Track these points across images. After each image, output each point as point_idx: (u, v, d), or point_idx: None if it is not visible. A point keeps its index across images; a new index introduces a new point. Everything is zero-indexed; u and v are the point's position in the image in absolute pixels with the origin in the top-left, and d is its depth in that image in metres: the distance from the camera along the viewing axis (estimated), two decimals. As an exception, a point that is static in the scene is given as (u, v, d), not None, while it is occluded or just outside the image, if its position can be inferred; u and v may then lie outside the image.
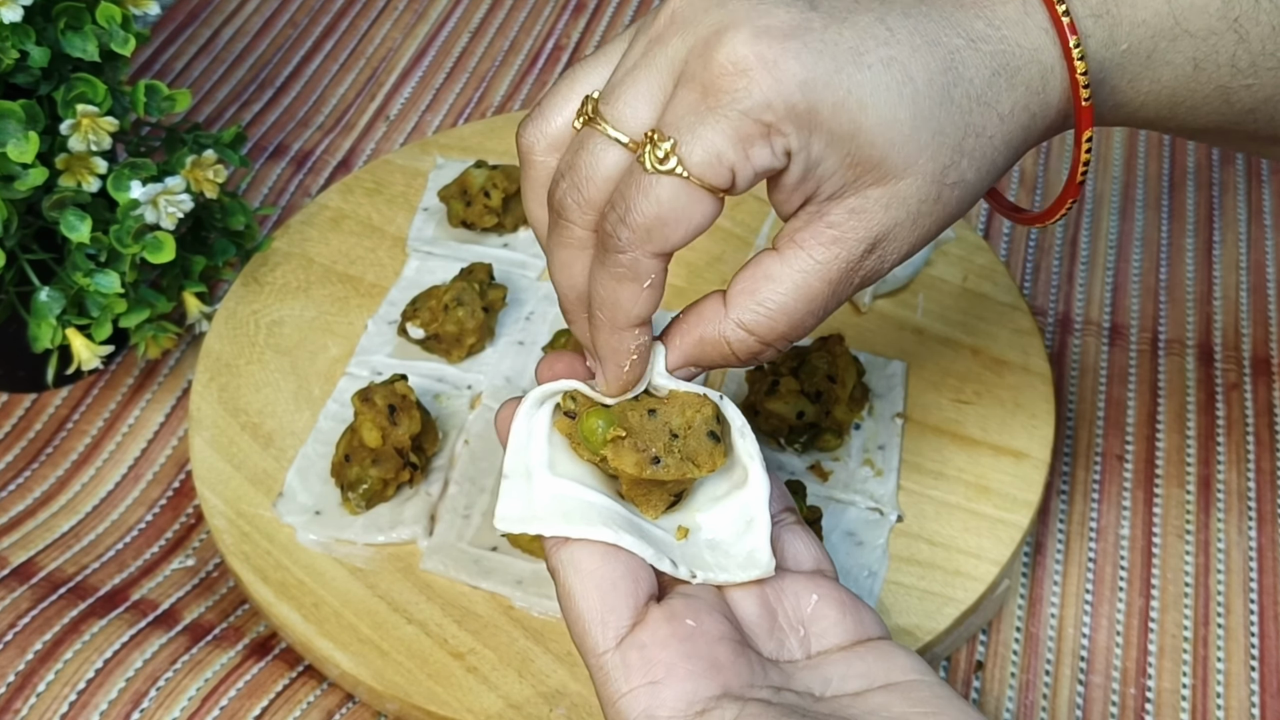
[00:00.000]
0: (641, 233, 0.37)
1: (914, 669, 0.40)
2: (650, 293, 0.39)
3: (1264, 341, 0.67)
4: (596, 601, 0.39)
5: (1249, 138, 0.44)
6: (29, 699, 0.54)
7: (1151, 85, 0.41)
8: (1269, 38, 0.40)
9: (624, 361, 0.40)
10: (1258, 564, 0.59)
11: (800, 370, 0.57)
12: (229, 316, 0.64)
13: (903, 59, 0.37)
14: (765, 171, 0.37)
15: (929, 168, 0.37)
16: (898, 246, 0.39)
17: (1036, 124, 0.40)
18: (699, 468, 0.41)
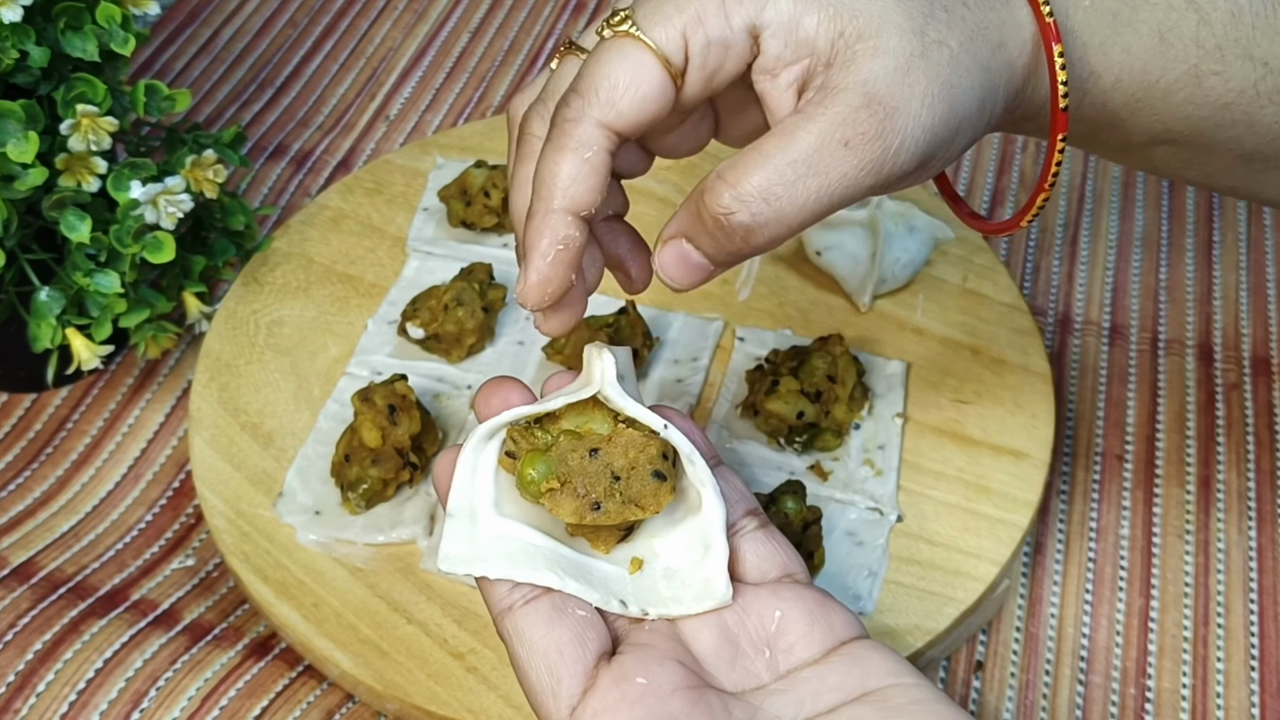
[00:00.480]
0: (589, 94, 0.37)
1: (890, 671, 0.39)
2: (590, 170, 0.37)
3: (1264, 341, 0.67)
4: (545, 672, 0.38)
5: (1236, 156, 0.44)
6: (29, 699, 0.54)
7: (1122, 54, 0.41)
8: (1229, 23, 0.41)
9: (548, 251, 0.38)
10: (1258, 564, 0.59)
11: (800, 370, 0.57)
12: (229, 316, 0.64)
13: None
14: (718, 44, 0.37)
15: (905, 22, 0.37)
16: (896, 105, 0.37)
17: (1010, 32, 0.39)
18: (643, 510, 0.40)
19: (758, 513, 0.43)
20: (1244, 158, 0.44)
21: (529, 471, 0.39)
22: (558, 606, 0.39)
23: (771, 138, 0.37)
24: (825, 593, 0.41)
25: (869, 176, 0.37)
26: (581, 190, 0.38)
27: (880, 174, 0.37)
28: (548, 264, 0.38)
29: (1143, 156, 0.45)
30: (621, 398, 0.40)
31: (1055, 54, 0.39)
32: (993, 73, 0.39)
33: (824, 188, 0.37)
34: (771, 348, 0.61)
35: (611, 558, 0.41)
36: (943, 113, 0.38)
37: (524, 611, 0.39)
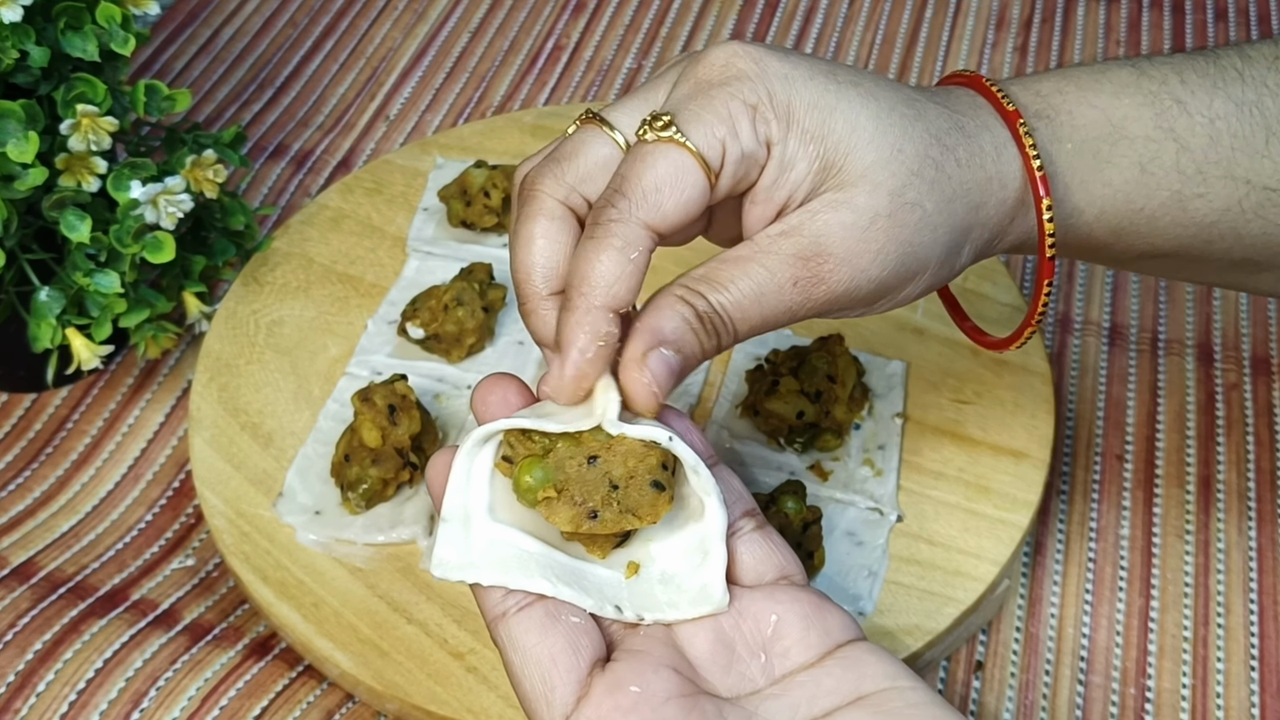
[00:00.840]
0: (638, 196, 0.38)
1: (885, 675, 0.39)
2: (634, 270, 0.39)
3: (1264, 341, 0.67)
4: (538, 680, 0.38)
5: (1225, 263, 0.45)
6: (29, 699, 0.54)
7: (1104, 189, 0.43)
8: (1208, 148, 0.42)
9: (589, 347, 0.39)
10: (1257, 564, 0.59)
11: (800, 370, 0.57)
12: (229, 316, 0.64)
13: (869, 86, 0.41)
14: (749, 156, 0.39)
15: (886, 180, 0.39)
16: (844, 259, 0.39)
17: (993, 191, 0.42)
18: (640, 519, 0.39)
19: (755, 514, 0.43)
20: (1234, 264, 0.45)
21: (526, 478, 0.39)
22: (551, 613, 0.39)
23: (731, 263, 0.40)
24: (822, 595, 0.41)
25: (812, 310, 0.40)
26: (624, 289, 0.39)
27: (824, 310, 0.41)
28: (587, 360, 0.39)
29: (1135, 267, 0.47)
30: (620, 429, 0.39)
31: (1044, 208, 0.42)
32: (965, 231, 0.42)
33: (769, 314, 0.40)
34: (771, 348, 0.61)
35: (608, 562, 0.41)
36: (894, 267, 0.40)
37: (517, 619, 0.39)
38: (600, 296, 0.38)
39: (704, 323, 0.39)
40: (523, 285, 0.41)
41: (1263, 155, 0.43)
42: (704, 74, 0.40)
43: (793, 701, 0.38)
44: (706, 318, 0.39)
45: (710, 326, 0.40)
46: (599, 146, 0.41)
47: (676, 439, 0.40)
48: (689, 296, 0.39)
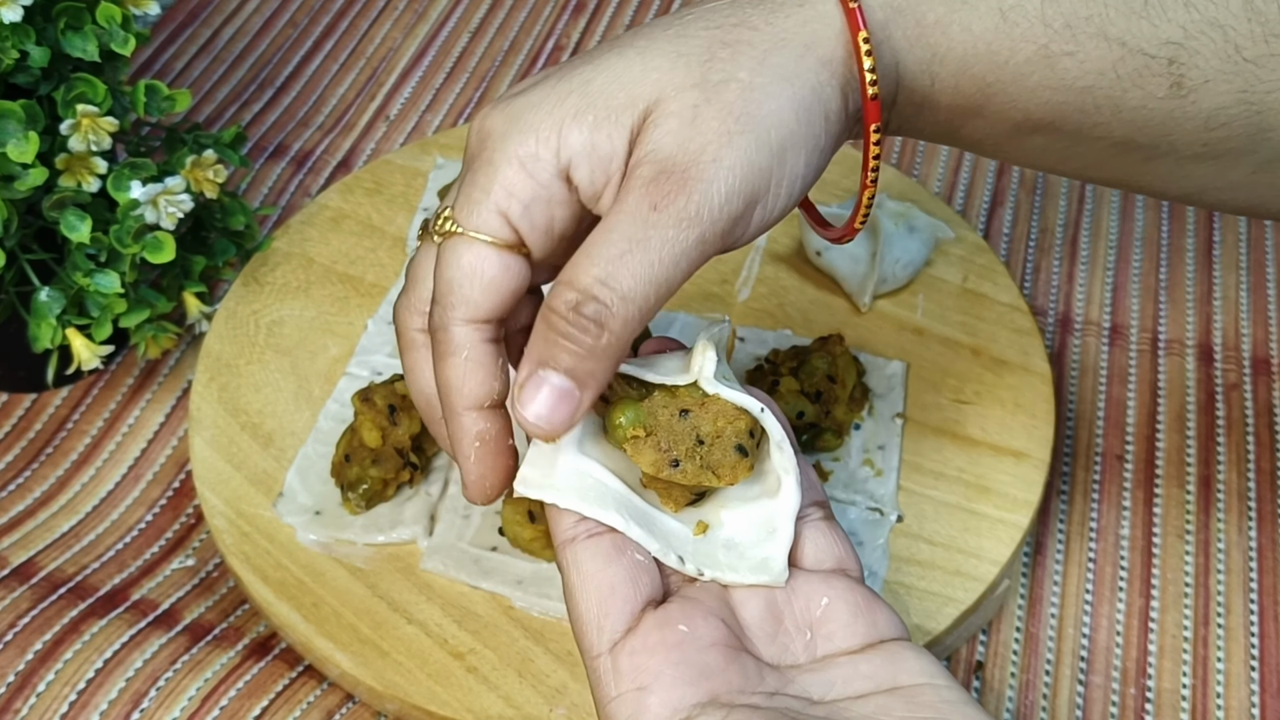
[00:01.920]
0: (444, 300, 0.39)
1: (924, 672, 0.39)
2: (474, 367, 0.39)
3: (1264, 341, 0.67)
4: (594, 604, 0.39)
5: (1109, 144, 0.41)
6: (29, 699, 0.54)
7: (963, 33, 0.39)
8: (1079, 2, 0.38)
9: (469, 451, 0.40)
10: (1258, 564, 0.59)
11: (800, 370, 0.57)
12: (229, 316, 0.64)
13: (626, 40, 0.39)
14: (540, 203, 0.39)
15: (680, 79, 0.38)
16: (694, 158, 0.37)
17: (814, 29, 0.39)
18: (719, 479, 0.40)
19: (825, 505, 0.44)
20: (1119, 146, 0.41)
21: (619, 417, 0.40)
22: (618, 546, 0.40)
23: (591, 235, 0.38)
24: (875, 593, 0.42)
25: (690, 230, 0.37)
26: (473, 386, 0.40)
27: (703, 222, 0.37)
28: (474, 464, 0.41)
29: (1016, 148, 0.42)
30: (715, 388, 0.41)
31: (860, 40, 0.38)
32: (804, 79, 0.38)
33: (652, 258, 0.37)
34: (772, 348, 0.61)
35: (679, 517, 0.42)
36: (749, 143, 0.37)
37: (585, 544, 0.40)
38: (455, 403, 0.40)
39: (567, 319, 0.37)
40: (424, 410, 0.43)
41: (1140, 16, 0.38)
42: (468, 149, 0.40)
43: (829, 679, 0.39)
44: (569, 310, 0.37)
45: (578, 318, 0.37)
46: (427, 260, 0.42)
47: (768, 411, 0.41)
48: (551, 298, 0.38)
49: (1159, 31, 0.38)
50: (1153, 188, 0.43)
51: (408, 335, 0.43)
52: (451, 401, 0.40)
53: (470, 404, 0.40)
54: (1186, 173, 0.42)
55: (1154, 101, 0.39)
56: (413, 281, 0.42)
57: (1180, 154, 0.41)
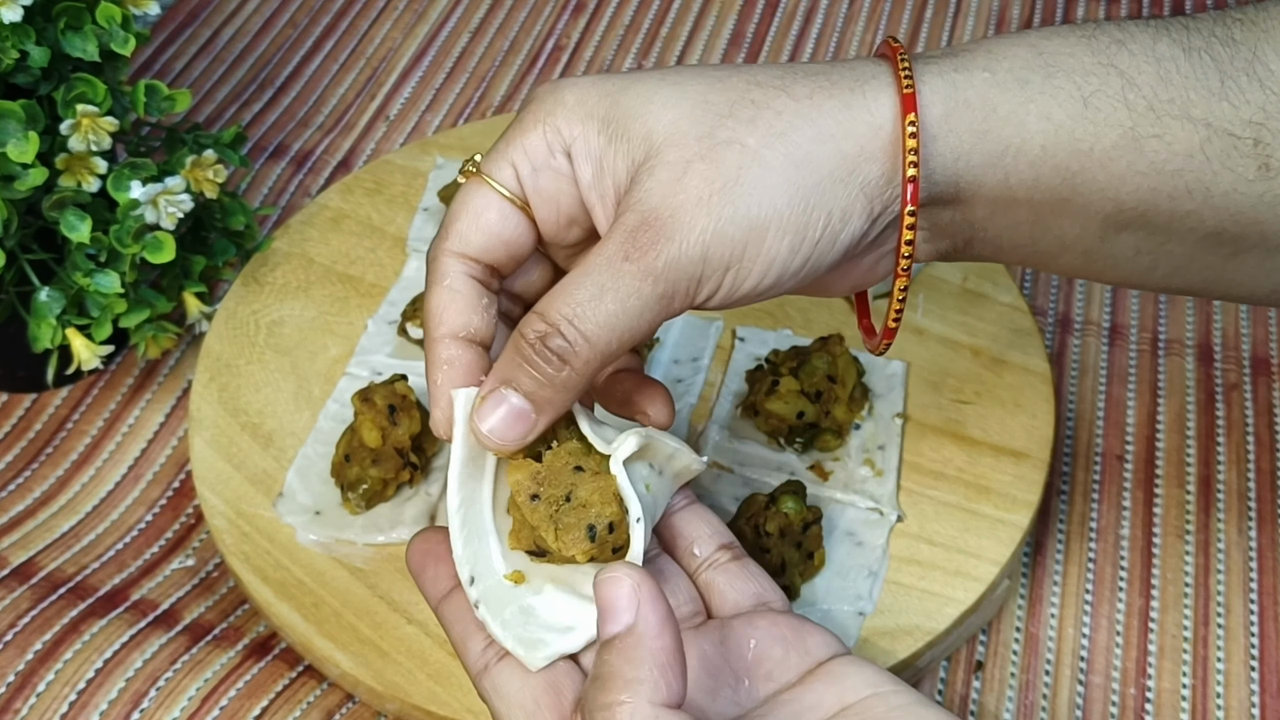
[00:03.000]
0: (443, 230, 0.41)
1: (868, 683, 0.39)
2: (455, 297, 0.41)
3: (1264, 341, 0.67)
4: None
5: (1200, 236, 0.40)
6: (29, 699, 0.54)
7: (1042, 122, 0.38)
8: (1157, 85, 0.38)
9: (436, 375, 0.41)
10: (1258, 564, 0.59)
11: (800, 370, 0.57)
12: (229, 316, 0.64)
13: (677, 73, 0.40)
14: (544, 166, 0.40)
15: (689, 129, 0.38)
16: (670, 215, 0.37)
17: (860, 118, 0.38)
18: (556, 540, 0.41)
19: (732, 546, 0.44)
20: (1209, 239, 0.40)
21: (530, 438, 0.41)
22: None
23: (574, 270, 0.39)
24: (800, 617, 0.42)
25: (655, 285, 0.37)
26: (451, 314, 0.41)
27: (667, 280, 0.37)
28: (439, 388, 0.41)
29: (1108, 252, 0.41)
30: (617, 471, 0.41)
31: (906, 122, 0.37)
32: (814, 166, 0.37)
33: (619, 307, 0.37)
34: (771, 348, 0.61)
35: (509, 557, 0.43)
36: (725, 213, 0.37)
37: (499, 668, 0.41)
38: (432, 328, 0.41)
39: (533, 347, 0.39)
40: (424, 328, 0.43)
41: (1219, 97, 0.37)
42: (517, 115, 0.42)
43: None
44: (536, 339, 0.38)
45: (543, 349, 0.38)
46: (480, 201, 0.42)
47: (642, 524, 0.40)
48: (523, 324, 0.39)
49: (1239, 112, 0.38)
50: (1238, 284, 0.42)
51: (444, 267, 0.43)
52: (429, 327, 0.41)
53: (446, 331, 0.41)
54: (1275, 265, 0.41)
55: (1244, 185, 0.38)
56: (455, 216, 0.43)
57: (1269, 244, 0.40)
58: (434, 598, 0.43)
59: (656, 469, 0.43)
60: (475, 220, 0.41)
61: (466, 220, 0.41)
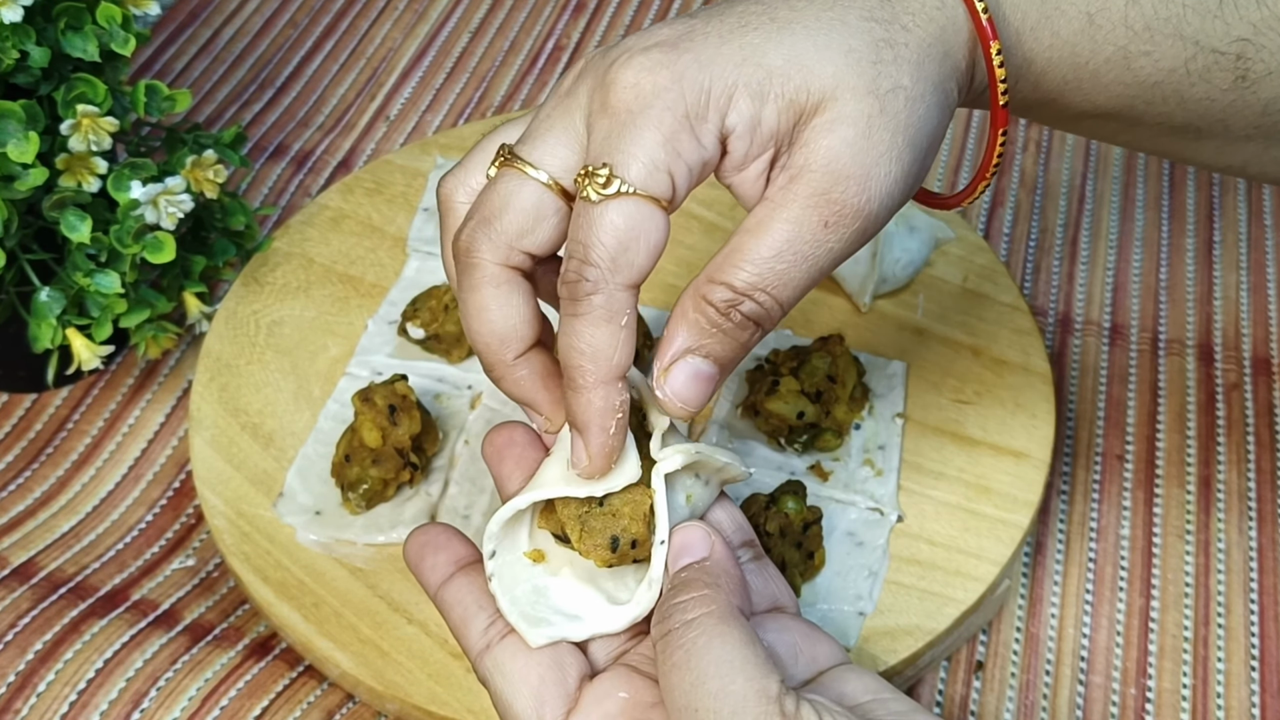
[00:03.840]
0: (608, 264, 0.37)
1: (868, 690, 0.39)
2: (628, 334, 0.38)
3: (1264, 341, 0.67)
4: (529, 698, 0.39)
5: (1166, 129, 0.43)
6: (29, 699, 0.54)
7: (1052, 39, 0.41)
8: (1160, 3, 0.40)
9: (609, 423, 0.39)
10: (1258, 564, 0.59)
11: (800, 370, 0.57)
12: (229, 317, 0.64)
13: (784, 14, 0.38)
14: (699, 166, 0.37)
15: (856, 81, 0.37)
16: (866, 173, 0.37)
17: (950, 36, 0.39)
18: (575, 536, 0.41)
19: (753, 545, 0.44)
20: (1174, 129, 0.44)
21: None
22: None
23: (749, 233, 0.38)
24: (812, 624, 0.42)
25: (854, 242, 0.38)
26: (624, 356, 0.38)
27: (865, 235, 0.38)
28: (610, 436, 0.39)
29: (1072, 126, 0.45)
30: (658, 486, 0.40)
31: (994, 53, 0.39)
32: (945, 82, 0.39)
33: (814, 267, 0.38)
34: (772, 348, 0.61)
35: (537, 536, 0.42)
36: (911, 154, 0.38)
37: (502, 646, 0.40)
38: (604, 371, 0.38)
39: (728, 315, 0.38)
40: (485, 354, 0.41)
41: (1215, 15, 0.41)
42: (617, 101, 0.37)
43: None
44: (729, 308, 0.38)
45: (739, 316, 0.38)
46: (526, 194, 0.39)
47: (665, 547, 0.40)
48: (707, 292, 0.38)
49: (1231, 29, 0.41)
50: (1196, 161, 0.46)
51: (484, 269, 0.39)
52: (598, 370, 0.38)
53: (619, 374, 0.38)
54: (1234, 150, 0.44)
55: (1217, 93, 0.42)
56: (495, 212, 0.39)
57: (1232, 135, 0.43)
58: (433, 584, 0.42)
59: (703, 479, 0.42)
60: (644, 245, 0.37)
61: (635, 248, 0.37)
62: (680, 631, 0.37)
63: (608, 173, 0.37)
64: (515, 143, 0.40)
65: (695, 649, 0.36)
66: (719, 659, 0.36)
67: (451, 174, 0.42)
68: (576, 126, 0.39)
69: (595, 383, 0.38)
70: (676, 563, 0.39)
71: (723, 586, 0.38)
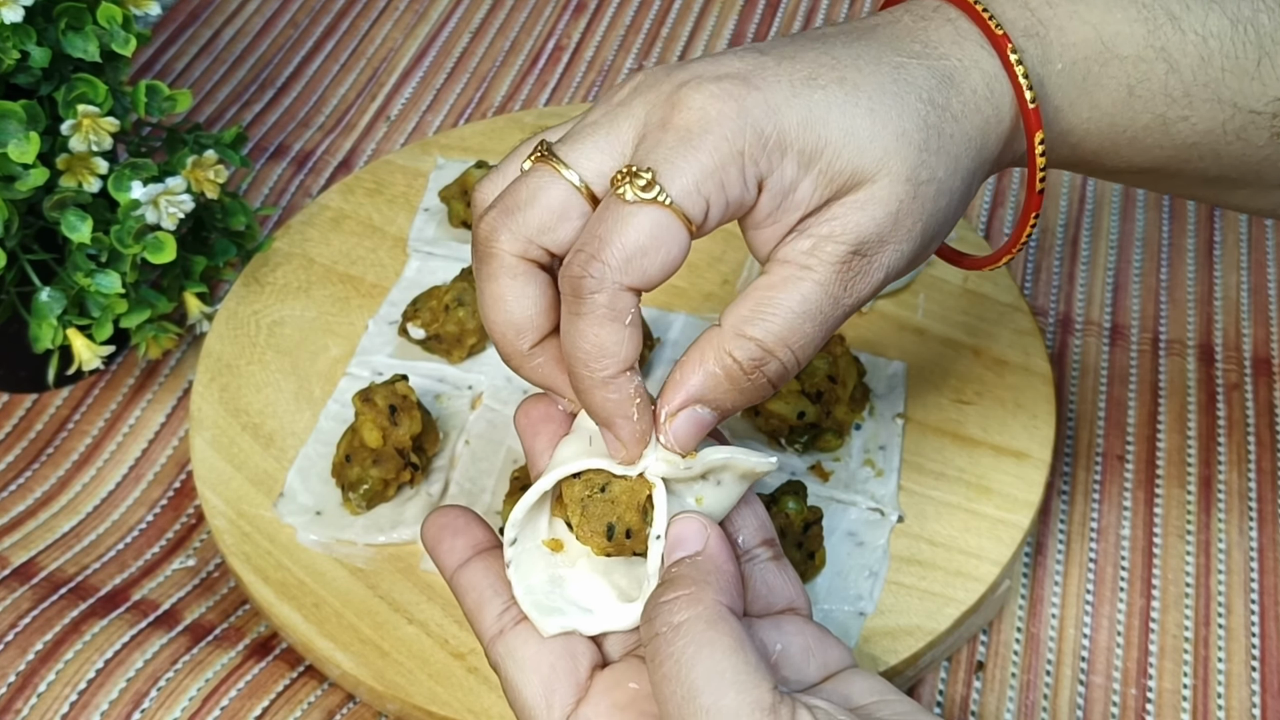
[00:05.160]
0: (620, 263, 0.37)
1: (873, 691, 0.39)
2: (633, 331, 0.38)
3: (1265, 341, 0.67)
4: (539, 685, 0.39)
5: (1200, 180, 0.45)
6: (30, 699, 0.54)
7: (1091, 111, 0.42)
8: (1198, 68, 0.41)
9: (631, 410, 0.39)
10: (1258, 564, 0.59)
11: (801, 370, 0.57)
12: (230, 317, 0.64)
13: (852, 78, 0.39)
14: (735, 203, 0.38)
15: (899, 168, 0.39)
16: (883, 248, 0.39)
17: (992, 129, 0.41)
18: (574, 522, 0.41)
19: (773, 543, 0.44)
20: (1209, 181, 0.45)
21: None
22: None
23: (776, 289, 0.39)
24: (823, 628, 0.42)
25: (860, 303, 0.40)
26: (630, 350, 0.39)
27: (870, 297, 0.41)
28: (635, 422, 0.39)
29: (1107, 179, 0.47)
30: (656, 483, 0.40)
31: (1037, 142, 0.41)
32: (973, 175, 0.41)
33: (831, 325, 0.40)
34: (772, 348, 0.61)
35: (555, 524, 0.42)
36: (922, 241, 0.40)
37: (514, 632, 0.40)
38: (614, 365, 0.39)
39: (750, 375, 0.39)
40: (501, 344, 0.41)
41: (1252, 78, 0.41)
42: (683, 121, 0.38)
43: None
44: (754, 368, 0.39)
45: (762, 377, 0.39)
46: (555, 192, 0.39)
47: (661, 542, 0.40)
48: (734, 348, 0.39)
49: (1268, 90, 0.42)
50: (1229, 205, 0.48)
51: (501, 259, 0.40)
52: (609, 367, 0.38)
53: (626, 366, 0.39)
54: (1266, 196, 0.46)
55: (1253, 149, 0.43)
56: (520, 203, 0.39)
57: (1265, 184, 0.45)
58: (449, 568, 0.42)
59: (714, 480, 0.42)
60: (660, 257, 0.38)
61: (651, 257, 0.37)
62: (668, 638, 0.37)
63: (650, 177, 0.37)
64: (555, 141, 0.40)
65: (684, 660, 0.36)
66: (708, 671, 0.36)
67: (488, 178, 0.42)
68: (623, 136, 0.39)
69: (607, 378, 0.39)
70: (671, 555, 0.39)
71: (712, 584, 0.38)
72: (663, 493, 0.40)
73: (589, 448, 0.41)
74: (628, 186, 0.37)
